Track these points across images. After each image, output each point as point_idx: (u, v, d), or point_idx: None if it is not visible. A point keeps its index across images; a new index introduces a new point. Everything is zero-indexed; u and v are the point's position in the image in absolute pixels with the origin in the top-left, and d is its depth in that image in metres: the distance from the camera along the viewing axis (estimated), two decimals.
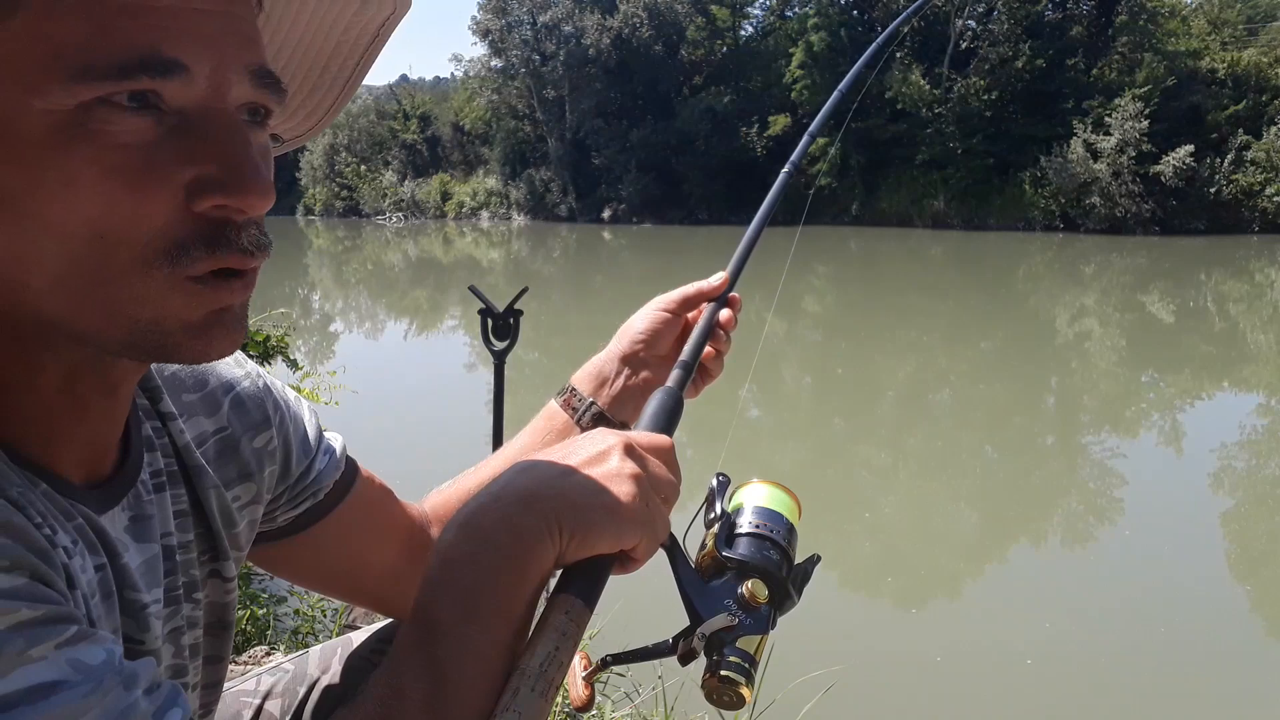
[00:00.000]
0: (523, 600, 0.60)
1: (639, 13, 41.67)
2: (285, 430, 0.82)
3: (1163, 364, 11.91)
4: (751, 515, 0.73)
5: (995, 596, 4.95)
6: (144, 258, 0.50)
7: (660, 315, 1.03)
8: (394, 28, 0.66)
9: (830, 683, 2.75)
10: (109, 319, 0.51)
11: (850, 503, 6.70)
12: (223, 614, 0.75)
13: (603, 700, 2.80)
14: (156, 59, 0.48)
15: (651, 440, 0.70)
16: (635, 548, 0.64)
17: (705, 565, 0.71)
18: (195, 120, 0.51)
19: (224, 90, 0.52)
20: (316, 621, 3.04)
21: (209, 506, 0.72)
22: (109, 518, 0.61)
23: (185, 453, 0.71)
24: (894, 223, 35.20)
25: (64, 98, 0.47)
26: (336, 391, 3.35)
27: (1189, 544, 5.51)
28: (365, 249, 35.48)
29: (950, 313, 16.43)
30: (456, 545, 0.61)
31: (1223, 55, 33.68)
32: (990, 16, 35.91)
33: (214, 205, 0.51)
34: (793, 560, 0.73)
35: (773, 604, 0.69)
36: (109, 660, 0.46)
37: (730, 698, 0.65)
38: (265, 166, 0.55)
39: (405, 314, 18.55)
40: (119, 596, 0.60)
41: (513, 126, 46.30)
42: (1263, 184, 29.76)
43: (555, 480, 0.63)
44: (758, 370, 11.79)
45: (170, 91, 0.50)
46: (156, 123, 0.50)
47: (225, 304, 0.54)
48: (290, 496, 0.84)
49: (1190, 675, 4.00)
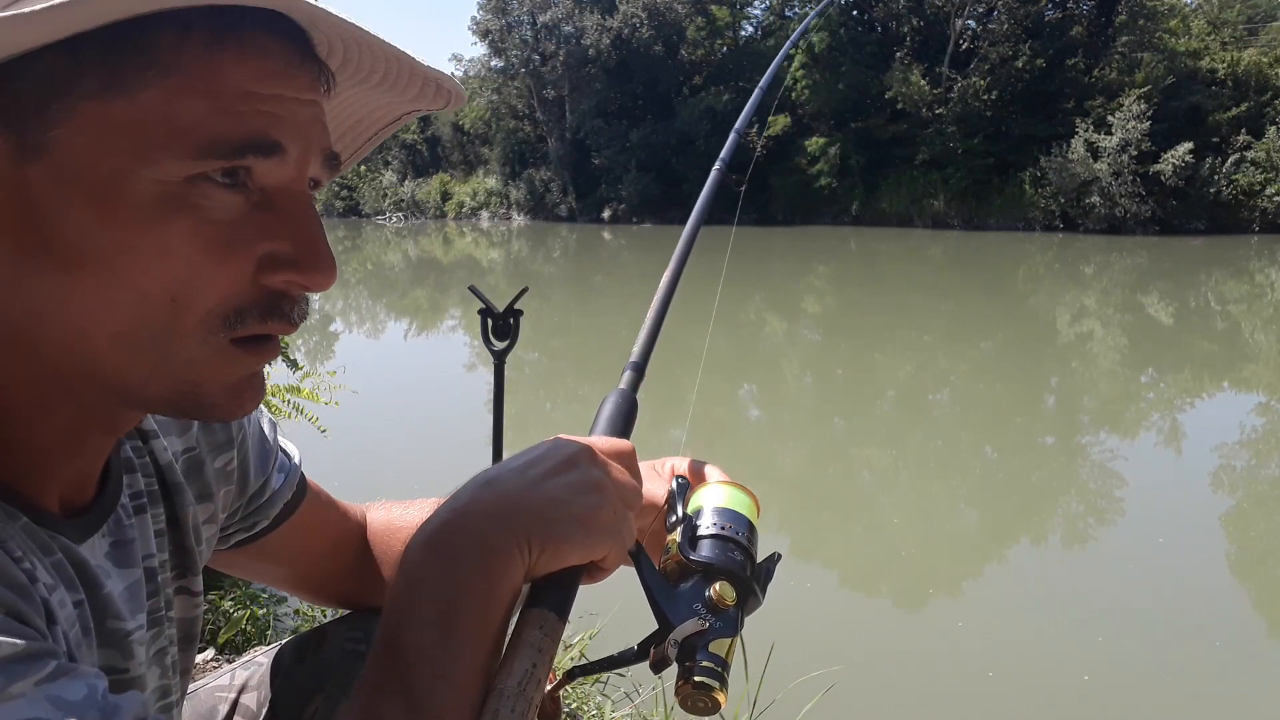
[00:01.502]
0: (495, 619, 0.58)
1: (639, 13, 41.65)
2: (245, 451, 0.82)
3: (1163, 364, 11.92)
4: (712, 517, 0.72)
5: (995, 596, 4.95)
6: (206, 323, 0.53)
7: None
8: (419, 115, 0.68)
9: (830, 683, 2.75)
10: (157, 377, 0.54)
11: (850, 503, 6.70)
12: (189, 629, 0.75)
13: (603, 700, 2.80)
14: (265, 141, 0.52)
15: (613, 446, 0.69)
16: (605, 557, 0.63)
17: (670, 570, 0.69)
18: (275, 199, 0.55)
19: (304, 172, 0.56)
20: (317, 621, 3.03)
21: (186, 523, 0.73)
22: (89, 546, 0.61)
23: (167, 470, 0.72)
24: (894, 223, 35.19)
25: (177, 170, 0.50)
26: (336, 391, 3.34)
27: (1189, 544, 5.51)
28: (365, 249, 35.49)
29: (950, 313, 16.43)
30: (423, 566, 0.59)
31: (1223, 55, 33.68)
32: (990, 16, 35.91)
33: (285, 280, 0.55)
34: (755, 559, 0.72)
35: (740, 605, 0.68)
36: (91, 695, 0.46)
37: (705, 703, 0.64)
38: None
39: (405, 314, 18.54)
40: (101, 629, 0.59)
41: (513, 126, 46.31)
42: (1263, 184, 29.76)
43: (521, 492, 0.61)
44: (758, 370, 11.79)
45: (262, 170, 0.53)
46: (245, 199, 0.53)
47: (258, 368, 0.58)
48: (244, 516, 0.85)
49: (1190, 675, 4.00)
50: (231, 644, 2.77)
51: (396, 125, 0.69)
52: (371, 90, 0.63)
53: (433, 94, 0.63)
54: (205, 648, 2.64)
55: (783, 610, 4.48)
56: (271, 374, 3.23)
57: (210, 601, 2.96)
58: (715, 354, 12.79)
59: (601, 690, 2.89)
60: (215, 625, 2.77)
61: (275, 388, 3.05)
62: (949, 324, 15.00)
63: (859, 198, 36.52)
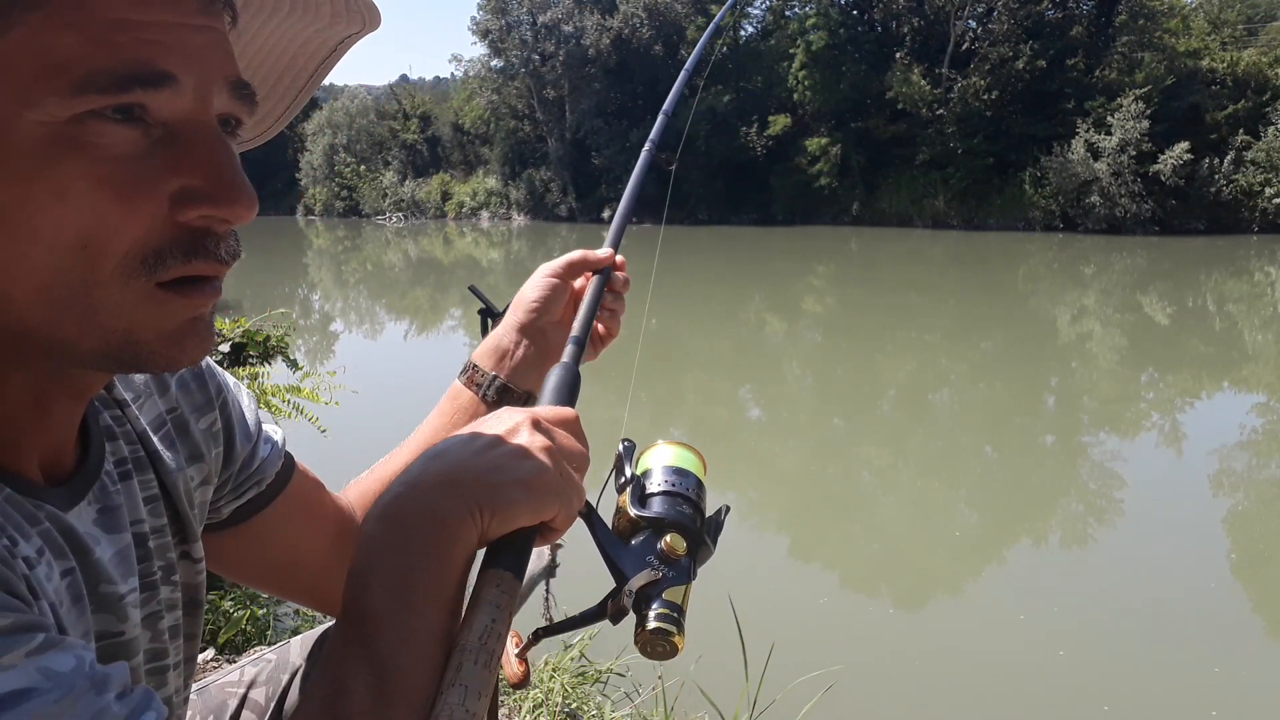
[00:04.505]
0: (451, 583, 0.61)
1: (639, 13, 41.65)
2: (228, 412, 0.82)
3: (1163, 364, 11.92)
4: (661, 474, 0.76)
5: (995, 597, 4.95)
6: (124, 267, 0.51)
7: (549, 282, 1.05)
8: (353, 45, 0.68)
9: (830, 683, 2.75)
10: (87, 330, 0.52)
11: (850, 502, 6.70)
12: (195, 593, 0.76)
13: (603, 700, 2.80)
14: (150, 72, 0.50)
15: (557, 413, 0.72)
16: (554, 518, 0.66)
17: (622, 528, 0.73)
18: (180, 132, 0.52)
19: (207, 102, 0.53)
20: (317, 622, 3.04)
21: (177, 490, 0.73)
22: (76, 513, 0.61)
23: (145, 438, 0.72)
24: (894, 223, 35.19)
25: (59, 110, 0.48)
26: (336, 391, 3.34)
27: (1189, 545, 5.51)
28: (365, 249, 35.48)
29: (950, 313, 16.43)
30: (379, 537, 0.61)
31: (1223, 55, 33.67)
32: (991, 16, 35.89)
33: (200, 215, 0.53)
34: (704, 512, 0.75)
35: (691, 555, 0.71)
36: (79, 666, 0.47)
37: (664, 648, 0.67)
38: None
39: (405, 314, 18.55)
40: (94, 594, 0.60)
41: (513, 126, 46.28)
42: (1262, 184, 29.75)
43: (468, 462, 0.64)
44: (757, 370, 11.79)
45: (157, 104, 0.51)
46: (143, 134, 0.51)
47: (199, 312, 0.55)
48: (235, 484, 0.84)
49: (1191, 675, 4.00)
50: (231, 644, 2.77)
51: (334, 59, 0.68)
52: (286, 20, 0.63)
53: (346, 15, 0.63)
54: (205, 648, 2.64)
55: (783, 610, 4.48)
56: (271, 373, 3.23)
57: (210, 602, 2.96)
58: (715, 354, 12.79)
59: (601, 690, 2.89)
60: (215, 625, 2.77)
61: (275, 388, 3.05)
62: (949, 324, 15.00)
63: (859, 198, 36.51)
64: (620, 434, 0.84)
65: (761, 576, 5.00)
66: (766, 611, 4.16)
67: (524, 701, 2.63)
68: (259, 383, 3.03)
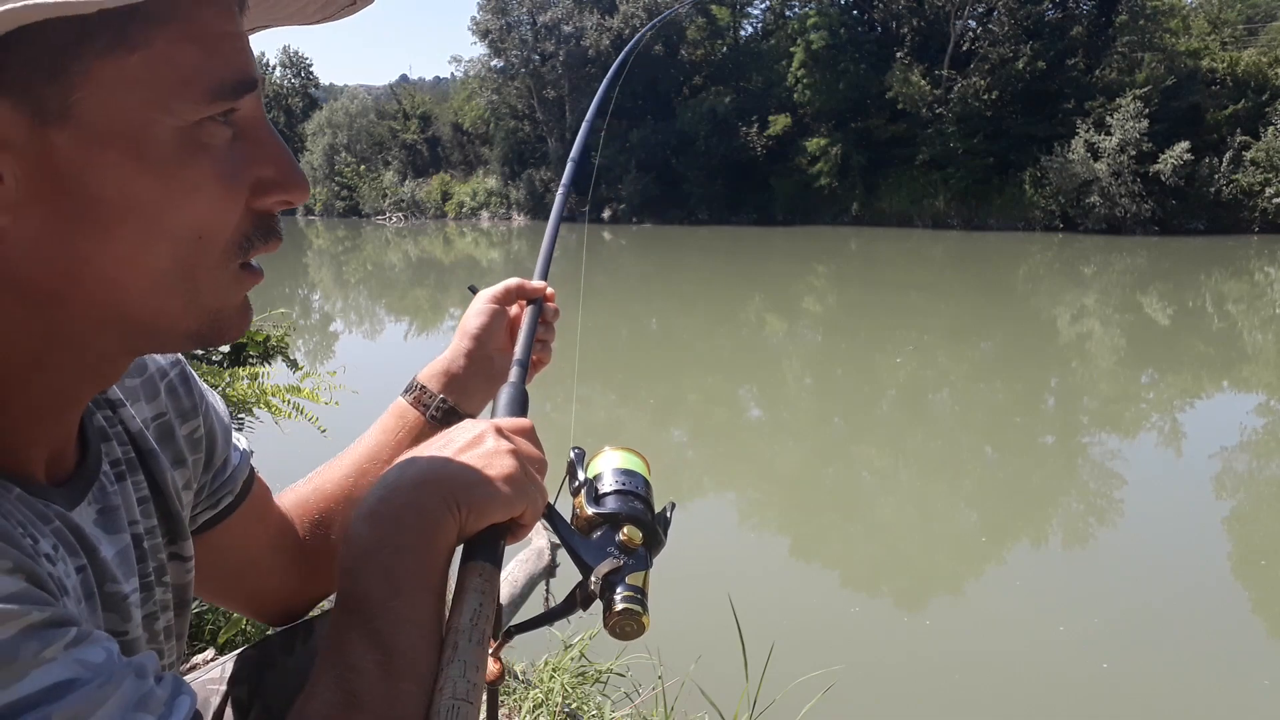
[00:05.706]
0: (437, 572, 0.65)
1: (639, 13, 41.62)
2: (210, 420, 0.85)
3: (1163, 364, 11.92)
4: (611, 476, 0.81)
5: (995, 597, 4.95)
6: (226, 253, 0.58)
7: (490, 308, 1.12)
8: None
9: (830, 683, 2.75)
10: (190, 312, 0.58)
11: (850, 503, 6.71)
12: (184, 594, 0.78)
13: (603, 700, 2.80)
14: (249, 79, 0.56)
15: (515, 423, 0.78)
16: (524, 514, 0.71)
17: (582, 526, 0.78)
18: (249, 128, 0.58)
19: (261, 100, 0.60)
20: None
21: (168, 489, 0.75)
22: (79, 513, 0.63)
23: (139, 438, 0.74)
24: (894, 223, 35.19)
25: (190, 114, 0.54)
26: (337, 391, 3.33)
27: (1189, 545, 5.51)
28: (365, 249, 35.48)
29: (950, 313, 16.43)
30: (368, 535, 0.65)
31: (1223, 55, 33.67)
32: (990, 17, 35.89)
33: (276, 201, 0.59)
34: (654, 508, 0.81)
35: (647, 545, 0.76)
36: (110, 658, 0.49)
37: (632, 626, 0.72)
38: None
39: (405, 314, 18.55)
40: (102, 593, 0.62)
41: (512, 126, 46.28)
42: (1262, 184, 29.74)
43: (444, 465, 0.69)
44: (757, 370, 11.79)
45: (244, 106, 0.57)
46: (232, 133, 0.57)
47: (254, 287, 0.62)
48: (210, 491, 0.86)
49: (1191, 675, 4.00)
50: (231, 644, 2.77)
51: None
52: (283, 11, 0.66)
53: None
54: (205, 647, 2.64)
55: (783, 610, 4.48)
56: (271, 373, 3.23)
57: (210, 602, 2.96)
58: (715, 354, 12.79)
59: (601, 690, 2.89)
60: (215, 625, 2.77)
61: (275, 388, 3.05)
62: (949, 324, 15.00)
63: (859, 198, 36.50)
64: (569, 442, 0.89)
65: (761, 576, 5.00)
66: (766, 611, 4.16)
67: (524, 701, 2.63)
68: (259, 383, 3.02)
